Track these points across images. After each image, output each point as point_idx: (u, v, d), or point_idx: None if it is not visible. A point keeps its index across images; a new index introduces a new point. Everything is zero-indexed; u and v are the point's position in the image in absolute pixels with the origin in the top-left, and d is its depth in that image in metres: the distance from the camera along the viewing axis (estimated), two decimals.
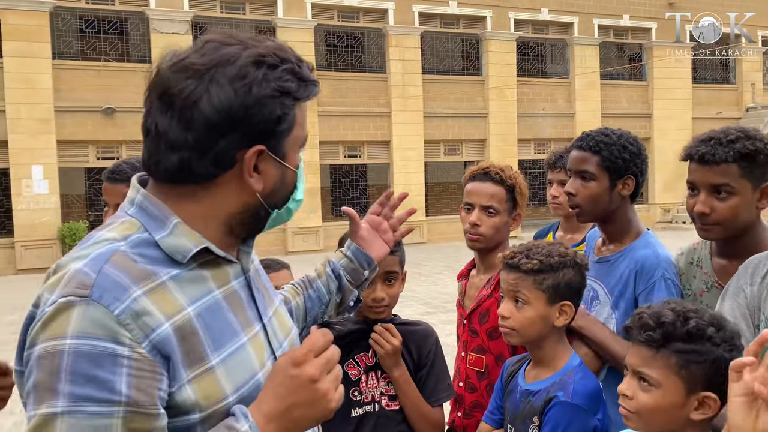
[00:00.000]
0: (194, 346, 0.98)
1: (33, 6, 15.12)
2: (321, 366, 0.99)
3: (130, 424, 0.90)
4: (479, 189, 2.17)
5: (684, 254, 1.96)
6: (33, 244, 15.23)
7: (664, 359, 1.32)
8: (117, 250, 0.98)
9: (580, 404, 1.57)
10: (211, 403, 0.98)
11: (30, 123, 15.04)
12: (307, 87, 1.08)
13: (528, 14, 20.25)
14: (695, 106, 22.34)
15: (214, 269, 1.07)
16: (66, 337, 0.88)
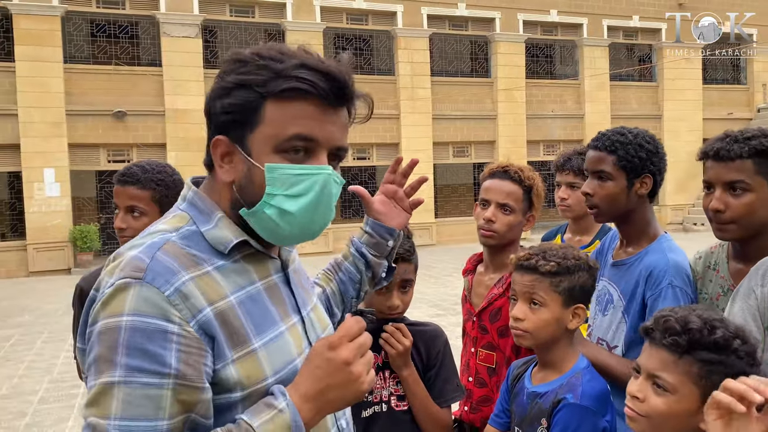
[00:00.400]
0: (237, 330, 1.06)
1: (45, 11, 15.26)
2: (354, 350, 1.04)
3: (179, 396, 0.98)
4: (497, 186, 2.18)
5: (702, 258, 1.93)
6: (44, 246, 15.34)
7: (686, 366, 1.29)
8: (168, 239, 1.08)
9: (588, 406, 1.56)
10: (252, 382, 1.06)
11: (42, 126, 15.17)
12: (277, 80, 1.07)
13: (537, 15, 20.20)
14: (706, 107, 22.20)
15: (257, 263, 1.16)
16: (123, 315, 0.98)
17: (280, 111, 1.08)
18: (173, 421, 0.98)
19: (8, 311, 10.72)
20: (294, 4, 17.59)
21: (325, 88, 1.08)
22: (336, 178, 1.14)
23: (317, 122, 1.09)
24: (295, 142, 1.08)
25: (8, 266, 15.20)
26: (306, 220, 1.11)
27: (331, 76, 1.09)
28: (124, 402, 0.95)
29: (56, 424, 5.28)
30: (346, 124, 1.17)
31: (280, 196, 1.08)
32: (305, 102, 1.08)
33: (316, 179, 1.09)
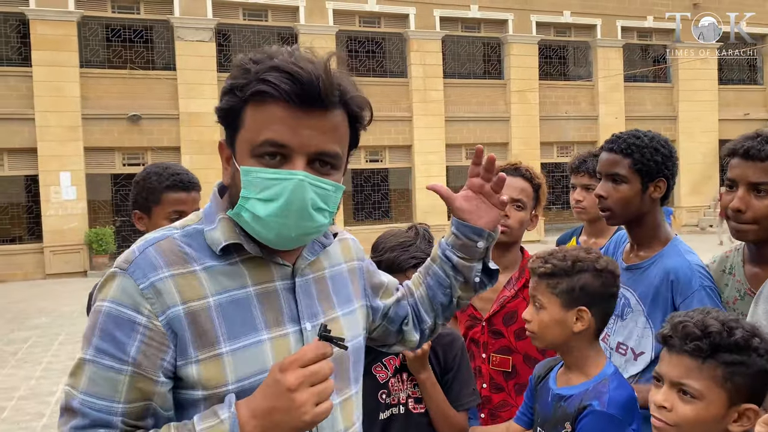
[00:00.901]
0: (206, 331, 1.07)
1: (61, 16, 15.44)
2: (302, 377, 0.99)
3: (136, 384, 1.04)
4: (510, 183, 2.15)
5: (716, 262, 1.92)
6: (61, 249, 15.50)
7: (710, 370, 1.27)
8: (168, 236, 1.12)
9: (615, 414, 1.53)
10: (212, 385, 1.06)
11: (58, 130, 15.34)
12: (251, 84, 1.05)
13: (550, 17, 20.13)
14: (722, 107, 21.99)
15: (256, 268, 1.14)
16: (105, 300, 1.06)
17: (255, 115, 1.07)
18: (130, 406, 1.04)
19: (25, 313, 10.84)
20: (306, 8, 17.66)
21: (288, 90, 1.03)
22: (316, 182, 1.07)
23: (288, 127, 1.05)
24: (267, 148, 1.06)
25: (25, 268, 15.38)
26: (278, 225, 1.07)
27: (296, 78, 1.03)
28: (90, 379, 1.04)
29: None
30: (335, 127, 1.09)
31: (253, 200, 1.07)
32: (275, 105, 1.05)
33: (286, 185, 1.05)
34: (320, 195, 1.09)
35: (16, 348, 8.24)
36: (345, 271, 1.32)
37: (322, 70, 1.05)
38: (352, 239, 1.41)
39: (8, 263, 15.31)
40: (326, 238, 1.26)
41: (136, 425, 1.06)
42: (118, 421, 1.04)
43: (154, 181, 2.18)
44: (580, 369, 1.65)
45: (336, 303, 1.25)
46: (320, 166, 1.09)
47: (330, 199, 1.11)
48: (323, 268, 1.26)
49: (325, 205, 1.10)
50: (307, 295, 1.20)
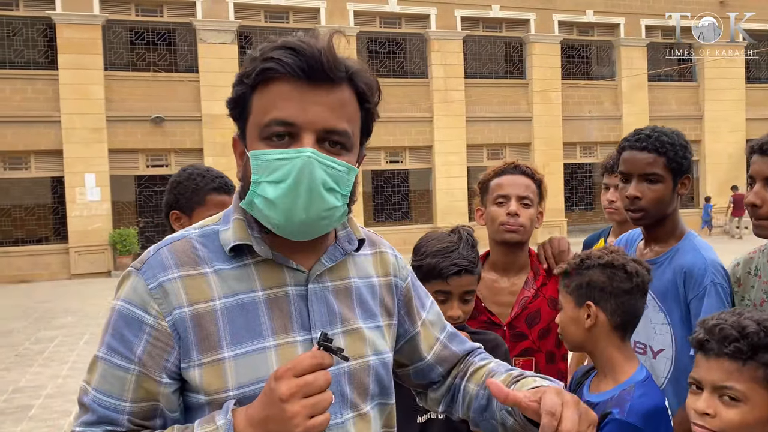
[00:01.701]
0: (210, 335, 1.06)
1: (86, 20, 15.68)
2: (295, 387, 0.94)
3: (143, 384, 1.04)
4: (514, 181, 2.15)
5: (741, 264, 1.89)
6: (86, 249, 15.73)
7: (751, 371, 1.26)
8: (185, 236, 1.12)
9: (634, 423, 1.49)
10: (212, 390, 1.05)
11: (83, 132, 15.58)
12: (255, 68, 1.05)
13: (573, 16, 19.95)
14: (749, 106, 21.59)
15: (268, 271, 1.11)
16: (119, 299, 1.08)
17: (261, 97, 1.06)
18: (136, 405, 1.05)
19: (52, 312, 11.02)
20: (327, 9, 17.73)
21: (291, 64, 1.02)
22: (325, 160, 1.03)
23: (295, 103, 1.03)
24: (274, 128, 1.04)
25: (51, 269, 15.63)
26: (287, 207, 1.02)
27: (300, 51, 1.02)
28: (101, 376, 1.06)
29: None
30: (343, 103, 1.06)
31: (263, 183, 1.04)
32: (280, 83, 1.04)
33: (294, 163, 1.01)
34: (331, 175, 1.04)
35: (43, 347, 8.37)
36: (377, 285, 1.25)
37: (325, 44, 1.04)
38: (394, 255, 1.33)
39: (34, 263, 15.59)
40: (349, 243, 1.19)
41: (143, 425, 1.06)
42: (125, 419, 1.04)
43: (199, 182, 2.19)
44: (610, 374, 1.63)
45: (359, 315, 1.19)
46: (330, 146, 1.05)
47: (342, 180, 1.06)
48: (347, 277, 1.19)
49: (337, 186, 1.05)
50: (322, 303, 1.14)
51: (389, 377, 1.24)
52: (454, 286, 1.81)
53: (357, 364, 1.16)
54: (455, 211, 18.80)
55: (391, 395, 1.25)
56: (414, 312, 1.33)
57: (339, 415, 1.12)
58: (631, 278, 1.64)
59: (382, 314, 1.24)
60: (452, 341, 1.37)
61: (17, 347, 8.41)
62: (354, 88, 1.09)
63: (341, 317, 1.16)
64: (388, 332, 1.25)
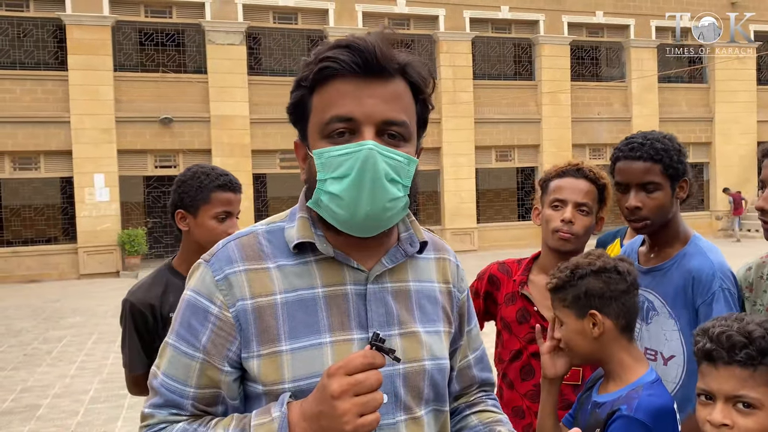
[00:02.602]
0: (269, 328, 1.09)
1: (96, 21, 15.76)
2: (346, 385, 0.96)
3: (206, 371, 1.09)
4: (573, 185, 2.04)
5: (753, 269, 1.84)
6: (95, 249, 15.80)
7: (763, 376, 1.25)
8: (253, 232, 1.17)
9: (642, 419, 1.48)
10: (269, 381, 1.08)
11: (93, 133, 15.66)
12: (311, 72, 1.09)
13: (582, 17, 19.87)
14: (760, 108, 21.43)
15: (328, 269, 1.14)
16: (189, 289, 1.14)
17: (320, 97, 1.09)
18: (200, 391, 1.10)
19: (60, 312, 11.07)
20: (336, 10, 17.74)
21: (347, 60, 1.06)
22: (385, 152, 1.06)
23: (353, 98, 1.07)
24: (335, 125, 1.07)
25: (60, 268, 15.71)
26: (351, 200, 1.05)
27: (354, 48, 1.06)
28: (169, 361, 1.11)
29: (106, 423, 5.40)
30: (398, 95, 1.10)
31: (329, 180, 1.07)
32: (337, 81, 1.08)
33: (357, 156, 1.04)
34: (392, 166, 1.07)
35: (51, 347, 8.40)
36: (437, 290, 1.25)
37: (379, 38, 1.08)
38: (456, 264, 1.34)
39: (44, 263, 15.67)
40: (411, 245, 1.21)
41: (205, 410, 1.11)
42: (189, 404, 1.10)
43: (204, 180, 2.20)
44: (618, 376, 1.62)
45: (418, 318, 1.20)
46: (389, 138, 1.08)
47: (402, 170, 1.09)
48: (407, 280, 1.21)
49: (399, 177, 1.08)
50: (381, 304, 1.15)
51: (445, 384, 1.24)
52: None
53: (412, 367, 1.17)
54: (463, 212, 18.76)
55: (446, 402, 1.25)
56: (464, 325, 1.35)
57: (391, 416, 1.13)
58: (625, 278, 1.63)
59: (443, 320, 1.25)
60: (477, 364, 1.39)
61: (26, 347, 8.45)
62: (408, 80, 1.12)
63: (399, 319, 1.17)
64: (447, 339, 1.26)
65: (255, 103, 17.03)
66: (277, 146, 17.24)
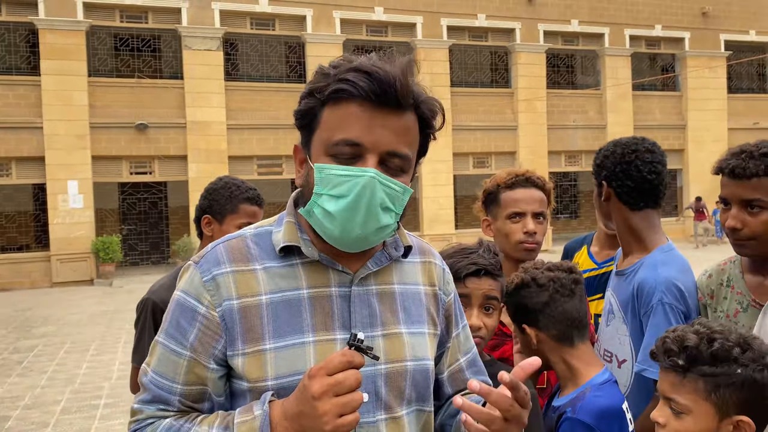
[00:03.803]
0: (254, 327, 1.13)
1: (70, 25, 15.55)
2: (326, 386, 0.99)
3: (193, 369, 1.13)
4: (528, 196, 2.08)
5: (713, 275, 1.87)
6: (68, 257, 15.54)
7: (692, 384, 1.28)
8: (241, 235, 1.21)
9: (584, 420, 1.51)
10: (252, 378, 1.12)
11: (66, 139, 15.42)
12: (330, 85, 1.10)
13: (558, 26, 20.12)
14: (731, 116, 21.89)
15: (313, 272, 1.18)
16: (179, 290, 1.18)
17: (331, 114, 1.11)
18: (187, 388, 1.14)
19: (32, 321, 10.85)
20: (314, 17, 17.73)
21: (365, 88, 1.07)
22: (386, 181, 1.09)
23: (364, 125, 1.09)
24: (342, 147, 1.09)
25: (32, 277, 15.41)
26: (344, 220, 1.09)
27: (375, 77, 1.07)
28: (158, 359, 1.16)
29: None
30: (407, 129, 1.13)
31: (325, 196, 1.10)
32: (352, 104, 1.09)
33: (357, 181, 1.08)
34: (389, 195, 1.11)
35: (22, 357, 8.23)
36: (422, 293, 1.28)
37: (400, 71, 1.09)
38: (442, 267, 1.36)
39: (15, 271, 15.36)
40: (395, 249, 1.23)
41: (192, 406, 1.15)
42: (176, 400, 1.14)
43: (234, 191, 2.38)
44: (570, 380, 1.65)
45: (402, 320, 1.22)
46: (390, 167, 1.11)
47: (397, 200, 1.13)
48: (391, 283, 1.24)
49: (393, 206, 1.12)
50: (365, 306, 1.19)
51: (427, 384, 1.25)
52: (473, 289, 1.66)
53: (394, 367, 1.19)
54: (442, 219, 18.83)
55: (429, 403, 1.26)
56: (451, 327, 1.36)
57: (371, 415, 1.15)
58: (546, 288, 1.65)
59: (429, 322, 1.28)
60: (470, 367, 1.39)
61: None
62: (418, 113, 1.15)
63: (382, 320, 1.20)
64: (432, 341, 1.28)
65: (232, 109, 16.94)
66: (253, 152, 17.15)
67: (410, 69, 1.11)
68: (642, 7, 20.97)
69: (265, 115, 16.90)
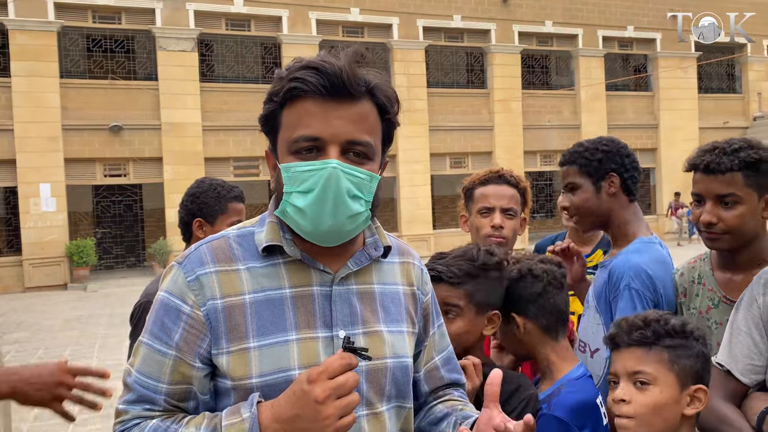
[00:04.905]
0: (238, 326, 1.15)
1: (41, 26, 15.30)
2: (329, 389, 1.01)
3: (179, 368, 1.15)
4: (498, 191, 2.16)
5: (684, 274, 1.91)
6: (41, 261, 15.28)
7: (657, 354, 1.40)
8: (224, 236, 1.23)
9: (558, 416, 1.55)
10: (237, 376, 1.14)
11: (38, 141, 15.15)
12: (283, 87, 1.14)
13: (532, 27, 20.31)
14: (702, 116, 22.29)
15: (296, 271, 1.20)
16: (162, 290, 1.19)
17: (289, 114, 1.15)
18: (172, 387, 1.15)
19: (4, 327, 10.64)
20: (290, 18, 17.67)
21: (315, 83, 1.11)
22: (349, 170, 1.12)
23: (320, 119, 1.12)
24: (302, 143, 1.13)
25: (4, 282, 15.12)
26: (315, 214, 1.12)
27: (323, 70, 1.11)
28: (143, 359, 1.16)
29: None
30: (364, 116, 1.15)
31: (294, 193, 1.13)
32: (306, 101, 1.13)
33: (321, 173, 1.11)
34: (354, 183, 1.13)
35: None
36: (401, 292, 1.31)
37: (347, 61, 1.13)
38: (420, 268, 1.39)
39: None
40: (375, 250, 1.26)
41: (177, 405, 1.16)
42: (161, 399, 1.15)
43: (221, 191, 2.44)
44: (548, 375, 1.69)
45: (382, 318, 1.26)
46: (354, 156, 1.14)
47: (365, 187, 1.15)
48: (371, 282, 1.27)
49: (360, 193, 1.14)
50: (346, 304, 1.21)
51: (407, 381, 1.28)
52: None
53: (375, 364, 1.21)
54: (419, 219, 18.88)
55: (409, 399, 1.29)
56: (428, 326, 1.39)
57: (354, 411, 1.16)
58: (540, 279, 1.71)
59: (407, 321, 1.31)
60: (445, 365, 1.41)
61: None
62: (374, 101, 1.17)
63: (362, 319, 1.23)
64: (410, 339, 1.31)
65: (207, 111, 16.80)
66: (230, 154, 17.04)
67: (357, 58, 1.15)
68: (614, 8, 21.26)
69: (241, 116, 16.79)
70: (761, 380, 1.49)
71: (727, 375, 1.51)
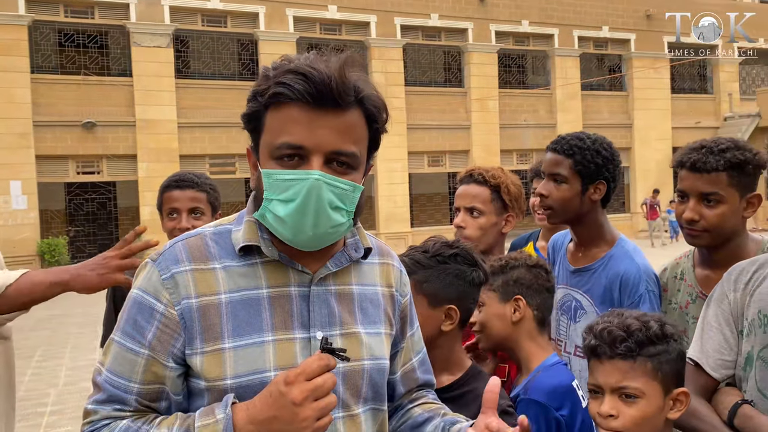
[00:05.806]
0: (213, 326, 1.12)
1: (11, 20, 14.98)
2: (307, 391, 1.00)
3: (151, 367, 1.12)
4: (464, 191, 2.18)
5: (668, 270, 1.98)
6: (11, 260, 14.96)
7: (642, 367, 1.35)
8: (200, 233, 1.20)
9: (536, 399, 1.58)
10: (211, 377, 1.11)
11: (8, 138, 14.85)
12: (270, 88, 1.09)
13: (509, 26, 20.44)
14: (674, 116, 22.65)
15: (273, 271, 1.17)
16: (136, 288, 1.16)
17: (273, 118, 1.11)
18: (144, 387, 1.12)
19: None
20: (267, 14, 17.55)
21: (302, 91, 1.06)
22: (332, 182, 1.09)
23: (304, 127, 1.08)
24: (284, 150, 1.09)
25: None
26: (295, 224, 1.09)
27: (310, 78, 1.06)
28: (114, 358, 1.13)
29: None
30: (351, 126, 1.11)
31: (275, 201, 1.10)
32: (291, 107, 1.08)
33: (303, 184, 1.07)
34: (337, 194, 1.10)
35: None
36: (379, 294, 1.29)
37: (336, 69, 1.08)
38: (400, 269, 1.37)
39: None
40: (356, 251, 1.24)
41: (149, 406, 1.13)
42: (133, 399, 1.12)
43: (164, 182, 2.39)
44: (526, 366, 1.71)
45: (360, 320, 1.24)
46: (338, 165, 1.11)
47: (347, 198, 1.12)
48: (350, 283, 1.24)
49: (343, 204, 1.11)
50: (324, 305, 1.19)
51: (383, 383, 1.27)
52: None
53: (352, 366, 1.20)
54: (398, 217, 18.91)
55: (385, 401, 1.28)
56: (406, 328, 1.37)
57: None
58: (550, 278, 1.76)
59: (385, 322, 1.29)
60: (420, 366, 1.41)
61: None
62: (363, 109, 1.13)
63: (340, 320, 1.20)
64: (387, 340, 1.29)
65: (183, 107, 16.62)
66: (205, 151, 16.88)
67: (348, 65, 1.10)
68: (590, 8, 21.50)
69: (217, 113, 16.64)
70: (731, 375, 1.51)
71: (697, 369, 1.53)
